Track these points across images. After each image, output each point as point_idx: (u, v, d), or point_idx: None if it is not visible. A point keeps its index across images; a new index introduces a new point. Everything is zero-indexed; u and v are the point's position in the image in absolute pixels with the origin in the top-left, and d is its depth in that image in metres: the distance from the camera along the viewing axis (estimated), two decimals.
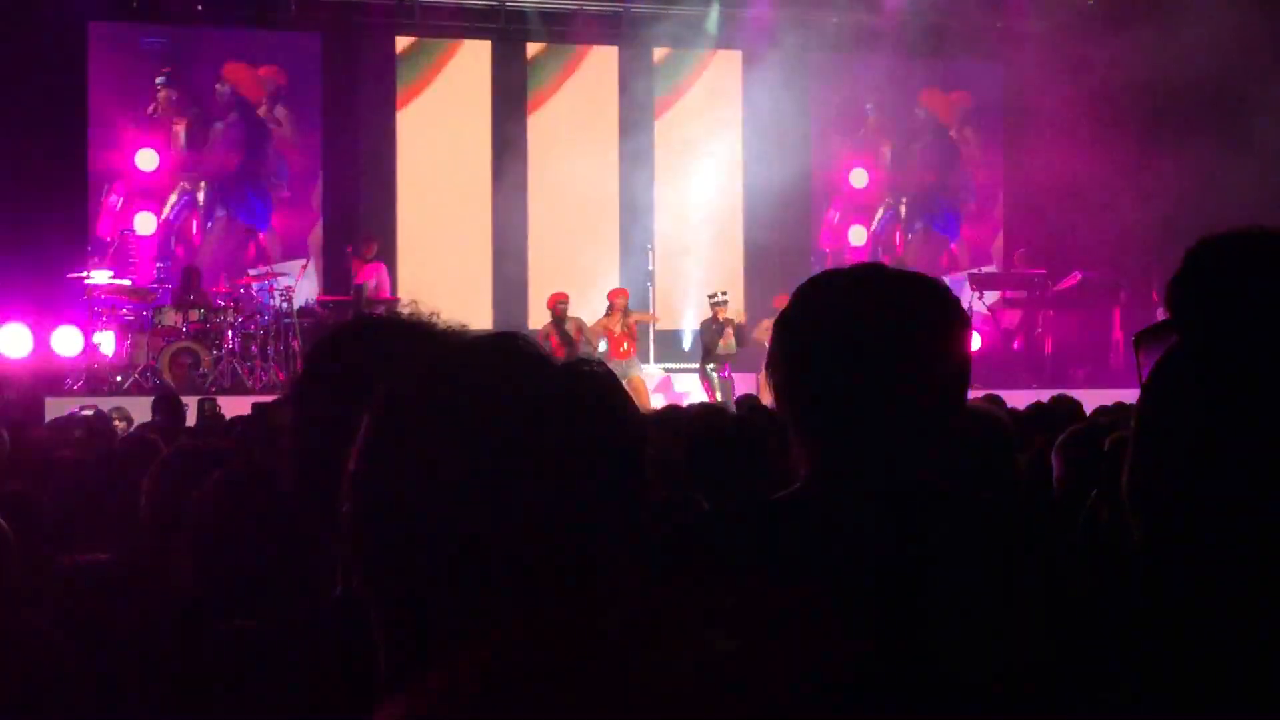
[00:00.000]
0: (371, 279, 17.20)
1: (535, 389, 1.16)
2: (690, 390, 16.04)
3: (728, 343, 15.96)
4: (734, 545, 1.81)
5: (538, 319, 18.54)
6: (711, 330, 16.22)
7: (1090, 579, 1.68)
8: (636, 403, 1.24)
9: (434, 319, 1.86)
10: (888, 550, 1.73)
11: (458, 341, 1.26)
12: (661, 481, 3.65)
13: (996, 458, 3.12)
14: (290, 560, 2.10)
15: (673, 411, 5.65)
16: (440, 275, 19.05)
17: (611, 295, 16.63)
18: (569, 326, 16.23)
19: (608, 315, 16.37)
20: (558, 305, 16.43)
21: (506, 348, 1.22)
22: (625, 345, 16.01)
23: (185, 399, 11.72)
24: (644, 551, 1.18)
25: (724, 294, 16.57)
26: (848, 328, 1.81)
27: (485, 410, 1.14)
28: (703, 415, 5.32)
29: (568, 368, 1.20)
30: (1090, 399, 9.02)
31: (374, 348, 1.79)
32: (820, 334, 1.83)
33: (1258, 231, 1.21)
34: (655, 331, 17.56)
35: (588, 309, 17.33)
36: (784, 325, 1.88)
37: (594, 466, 1.14)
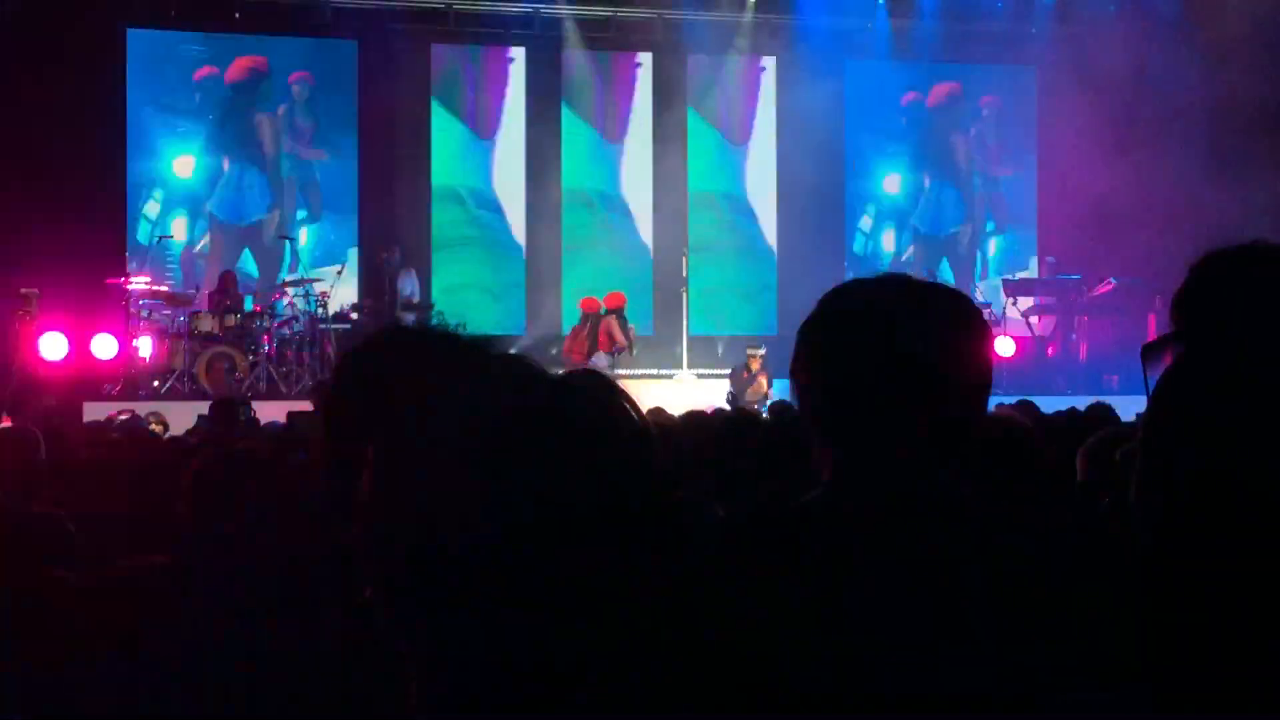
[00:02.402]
0: (409, 286, 17.29)
1: (532, 408, 1.19)
2: (718, 401, 15.97)
3: (757, 390, 15.89)
4: (751, 550, 1.84)
5: (571, 322, 18.59)
6: (743, 379, 16.17)
7: (1102, 586, 1.70)
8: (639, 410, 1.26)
9: (460, 329, 1.90)
10: (905, 557, 1.75)
11: (461, 366, 1.29)
12: (679, 487, 3.67)
13: (1019, 465, 3.13)
14: (322, 563, 2.14)
15: (697, 417, 5.66)
16: (475, 280, 19.14)
17: (611, 300, 16.74)
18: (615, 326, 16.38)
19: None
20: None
21: (506, 370, 1.25)
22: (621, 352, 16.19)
23: None
24: (657, 558, 1.21)
25: (761, 351, 16.43)
26: (870, 336, 1.83)
27: (485, 434, 1.16)
28: (733, 421, 5.33)
29: (564, 384, 1.23)
30: (1125, 406, 8.96)
31: (400, 359, 1.82)
32: (843, 342, 1.86)
33: (1261, 246, 1.22)
34: (688, 338, 17.53)
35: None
36: (808, 332, 1.90)
37: (594, 481, 1.16)
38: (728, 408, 14.32)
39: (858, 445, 1.83)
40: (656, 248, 19.37)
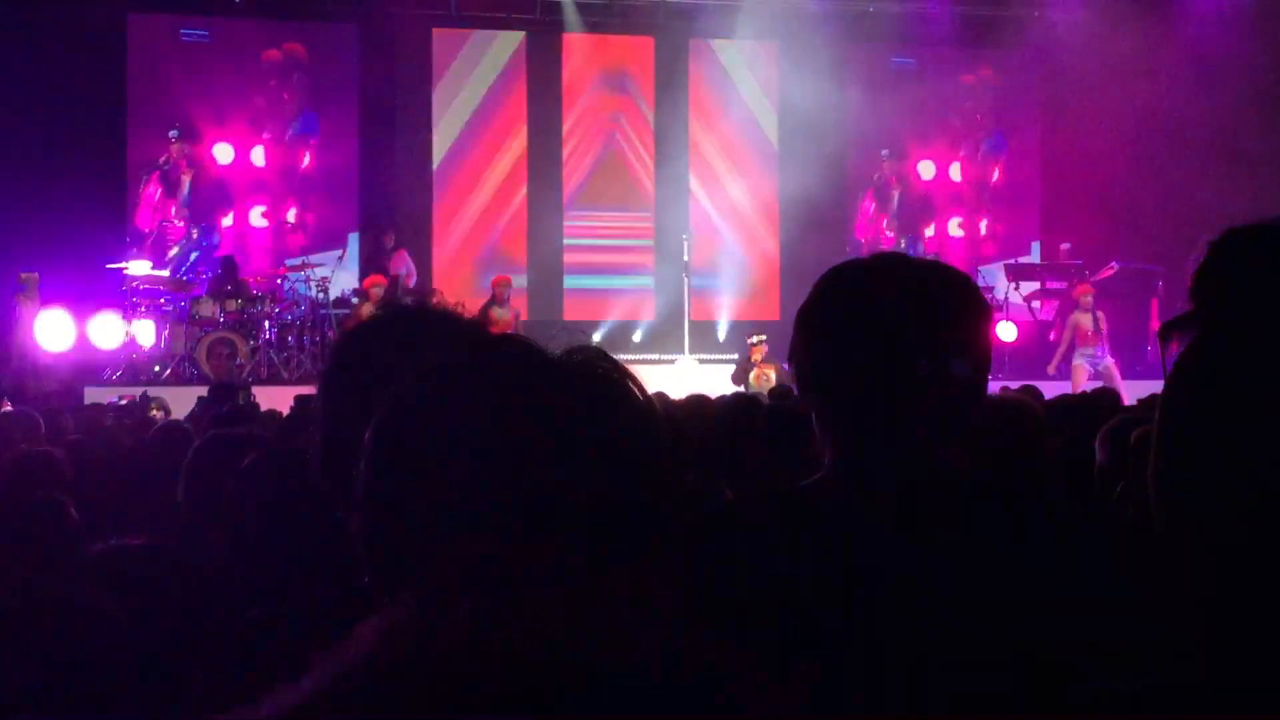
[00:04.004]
0: (401, 268, 17.27)
1: (536, 389, 1.16)
2: (721, 387, 15.85)
3: (762, 383, 15.43)
4: (754, 533, 1.82)
5: (572, 306, 18.59)
6: (744, 372, 15.83)
7: (1112, 568, 1.68)
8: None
9: (459, 309, 1.87)
10: (905, 538, 1.73)
11: (460, 346, 1.26)
12: (686, 470, 3.65)
13: (1027, 448, 3.11)
14: (321, 546, 2.12)
15: (700, 401, 5.64)
16: (476, 264, 19.12)
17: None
18: (505, 312, 16.07)
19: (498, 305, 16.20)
20: (499, 288, 16.44)
21: (507, 350, 1.22)
22: None
23: None
24: (667, 541, 1.18)
25: (762, 338, 15.90)
26: (867, 317, 1.81)
27: (487, 416, 1.14)
28: (736, 405, 5.31)
29: (568, 363, 1.19)
30: (1126, 390, 8.96)
31: (396, 341, 1.80)
32: (841, 324, 1.84)
33: None
34: (690, 323, 17.50)
35: (624, 299, 17.35)
36: (806, 315, 1.89)
37: (596, 465, 1.13)
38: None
39: (857, 429, 1.82)
40: (657, 232, 19.34)
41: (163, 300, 16.10)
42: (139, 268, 16.24)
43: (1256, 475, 1.10)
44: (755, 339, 15.77)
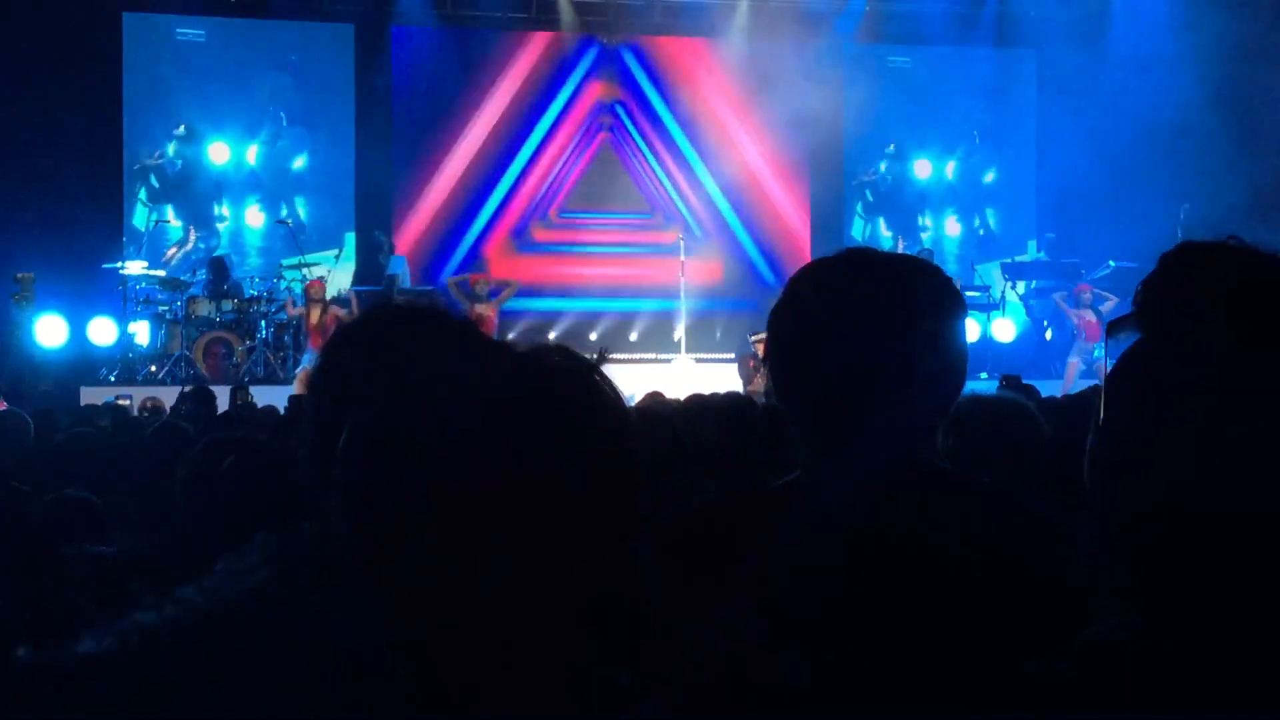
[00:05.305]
0: (397, 268, 17.27)
1: (519, 391, 1.15)
2: (719, 386, 15.79)
3: (756, 387, 15.35)
4: (726, 530, 1.82)
5: (569, 305, 18.58)
6: (749, 369, 15.79)
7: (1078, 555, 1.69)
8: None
9: (450, 310, 1.87)
10: (874, 532, 1.73)
11: (447, 347, 1.26)
12: (676, 470, 3.64)
13: (1023, 446, 3.11)
14: (304, 546, 2.10)
15: (701, 401, 5.62)
16: (471, 263, 19.12)
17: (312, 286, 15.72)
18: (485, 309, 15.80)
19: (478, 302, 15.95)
20: (478, 285, 16.37)
21: (493, 352, 1.21)
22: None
23: (219, 389, 11.77)
24: (639, 539, 1.18)
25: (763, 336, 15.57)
26: (836, 314, 1.80)
27: (460, 420, 1.13)
28: (732, 404, 5.30)
29: (547, 365, 1.19)
30: None
31: (387, 340, 1.79)
32: (810, 322, 1.83)
33: (1236, 245, 1.24)
34: (686, 322, 17.50)
35: (621, 298, 17.27)
36: (777, 315, 1.88)
37: (573, 462, 1.13)
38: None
39: (828, 426, 1.81)
40: (653, 230, 19.34)
41: (159, 300, 16.10)
42: (134, 267, 16.22)
43: (1178, 474, 1.15)
44: (758, 337, 15.64)
